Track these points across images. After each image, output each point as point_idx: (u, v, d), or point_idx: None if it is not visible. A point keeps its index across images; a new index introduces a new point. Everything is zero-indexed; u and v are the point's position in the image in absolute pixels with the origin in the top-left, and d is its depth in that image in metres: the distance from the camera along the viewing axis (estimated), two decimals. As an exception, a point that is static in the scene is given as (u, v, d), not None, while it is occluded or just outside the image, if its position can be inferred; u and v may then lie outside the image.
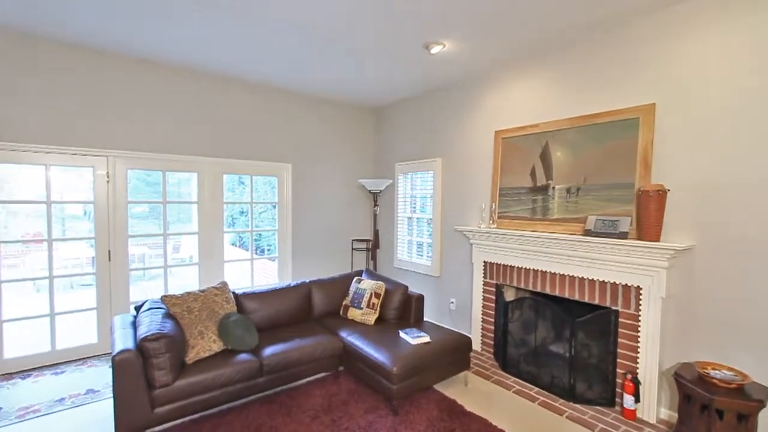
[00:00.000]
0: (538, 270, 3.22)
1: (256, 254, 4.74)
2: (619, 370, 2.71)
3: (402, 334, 2.97)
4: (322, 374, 3.15)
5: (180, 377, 2.34)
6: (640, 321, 2.60)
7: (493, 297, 3.61)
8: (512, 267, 3.43)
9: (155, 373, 2.25)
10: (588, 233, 2.82)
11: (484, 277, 3.70)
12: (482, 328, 3.73)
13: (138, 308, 2.83)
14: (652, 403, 2.55)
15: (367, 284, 3.48)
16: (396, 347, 2.75)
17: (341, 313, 3.52)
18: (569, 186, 3.06)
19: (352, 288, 3.56)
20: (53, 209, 3.34)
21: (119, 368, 2.15)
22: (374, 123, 5.45)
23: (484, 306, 3.70)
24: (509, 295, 3.52)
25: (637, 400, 2.57)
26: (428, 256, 4.57)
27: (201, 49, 3.34)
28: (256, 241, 4.85)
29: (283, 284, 3.46)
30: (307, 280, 3.61)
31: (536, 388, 3.02)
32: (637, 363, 2.61)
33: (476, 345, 3.77)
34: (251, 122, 4.33)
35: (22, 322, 3.26)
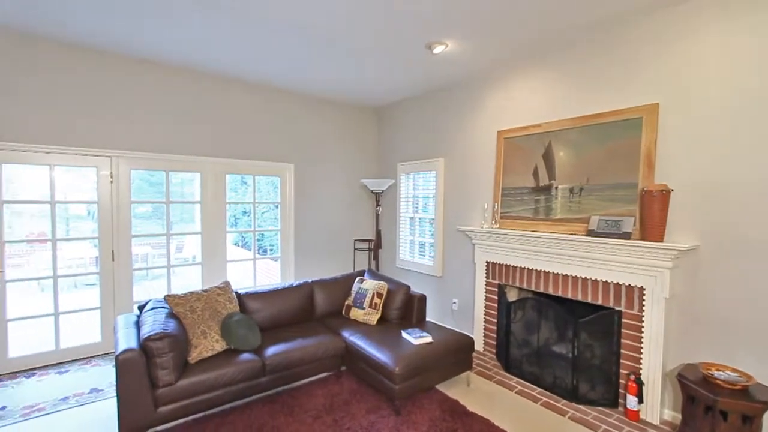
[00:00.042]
0: (540, 270, 3.21)
1: (259, 254, 4.76)
2: (623, 371, 2.70)
3: (404, 334, 2.97)
4: (325, 374, 3.16)
5: (183, 377, 2.35)
6: (643, 321, 2.59)
7: (496, 297, 3.60)
8: (515, 267, 3.42)
9: (158, 373, 2.26)
10: (591, 233, 2.81)
11: (487, 278, 3.69)
12: (485, 329, 3.72)
13: (141, 308, 2.85)
14: (656, 404, 2.54)
15: (370, 284, 3.48)
16: (398, 347, 2.75)
17: (343, 313, 3.53)
18: (572, 186, 3.05)
19: (355, 288, 3.56)
20: (57, 209, 3.36)
21: (123, 367, 2.16)
22: (376, 123, 5.45)
23: (487, 306, 3.70)
24: (512, 296, 3.51)
25: (640, 401, 2.56)
26: (430, 256, 4.56)
27: (201, 49, 3.35)
28: (258, 241, 4.86)
29: (286, 284, 3.47)
30: (310, 280, 3.61)
31: (539, 389, 3.01)
32: (641, 364, 2.60)
33: (479, 345, 3.76)
34: (253, 122, 4.34)
35: (26, 321, 3.28)
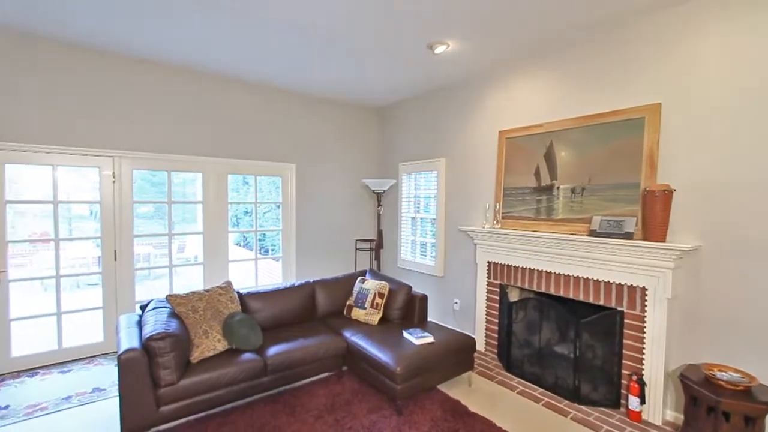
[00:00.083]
0: (542, 270, 3.20)
1: (260, 254, 4.76)
2: (625, 372, 2.70)
3: (406, 334, 2.97)
4: (326, 374, 3.16)
5: (185, 376, 2.36)
6: (645, 322, 2.58)
7: (497, 297, 3.60)
8: (516, 267, 3.42)
9: (160, 372, 2.26)
10: (593, 233, 2.81)
11: (488, 278, 3.69)
12: (486, 329, 3.72)
13: (143, 307, 2.86)
14: (658, 405, 2.53)
15: (371, 284, 3.48)
16: (400, 347, 2.76)
17: (345, 313, 3.53)
18: (574, 186, 3.04)
19: (356, 288, 3.57)
20: (60, 209, 3.37)
21: (125, 367, 2.17)
22: (378, 123, 5.45)
23: (488, 306, 3.69)
24: (513, 296, 3.51)
25: (642, 401, 2.55)
26: (432, 256, 4.56)
27: (201, 49, 3.35)
28: (260, 241, 4.86)
29: (287, 284, 3.47)
30: (311, 280, 3.61)
31: (540, 389, 3.01)
32: (643, 364, 2.60)
33: (480, 345, 3.76)
34: (255, 122, 4.35)
35: (29, 320, 3.30)
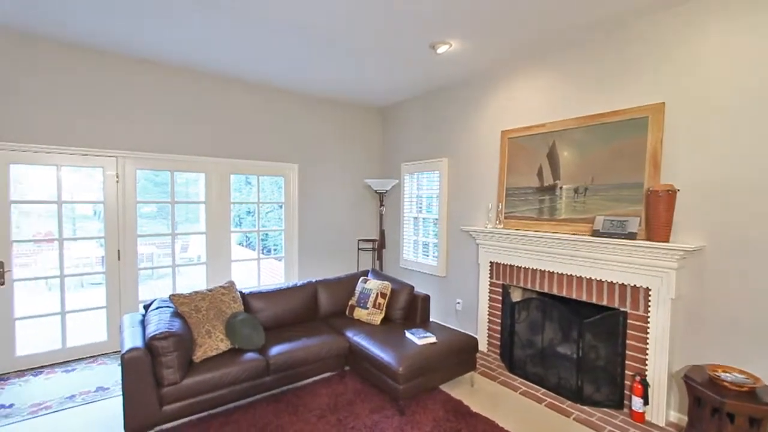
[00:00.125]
0: (545, 270, 3.20)
1: (263, 254, 4.77)
2: (628, 372, 2.69)
3: (408, 334, 2.97)
4: (328, 374, 3.16)
5: (188, 375, 2.37)
6: (649, 322, 2.57)
7: (500, 297, 3.59)
8: (519, 267, 3.41)
9: (164, 372, 2.27)
10: (596, 234, 2.80)
11: (491, 278, 3.68)
12: (489, 329, 3.71)
13: (147, 307, 2.87)
14: (662, 406, 2.52)
15: (373, 284, 3.48)
16: (402, 347, 2.75)
17: (347, 313, 3.53)
18: (577, 186, 3.04)
19: (358, 288, 3.57)
20: (64, 209, 3.39)
21: (128, 366, 2.18)
22: (380, 123, 5.45)
23: (491, 306, 3.69)
24: (516, 296, 3.50)
25: (645, 402, 2.54)
26: (434, 256, 4.56)
27: (202, 49, 3.34)
28: (262, 240, 4.87)
29: (290, 284, 3.48)
30: (313, 280, 3.62)
31: (543, 390, 3.00)
32: (646, 365, 2.59)
33: (482, 346, 3.75)
34: (257, 123, 4.36)
35: (33, 320, 3.32)
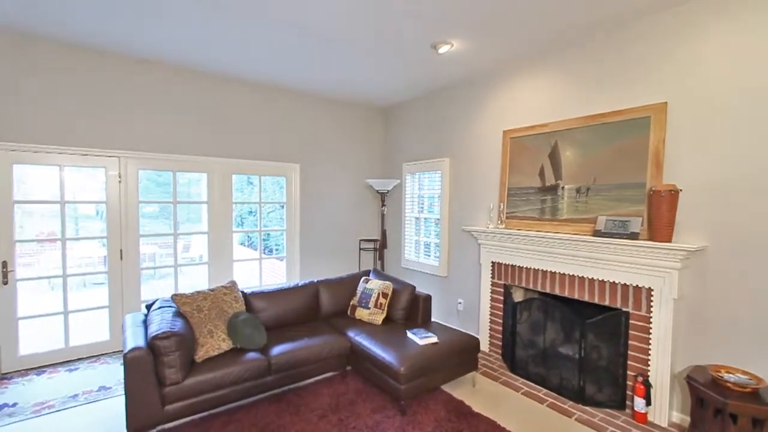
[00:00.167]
0: (547, 271, 3.19)
1: (265, 254, 4.78)
2: (630, 373, 2.68)
3: (409, 334, 2.97)
4: (330, 373, 3.16)
5: (190, 375, 2.37)
6: (651, 323, 2.56)
7: (502, 298, 3.58)
8: (521, 267, 3.40)
9: (166, 371, 2.28)
10: (598, 234, 2.79)
11: (492, 278, 3.68)
12: (490, 329, 3.71)
13: (149, 307, 2.88)
14: (664, 407, 2.51)
15: (375, 284, 3.48)
16: (404, 347, 2.75)
17: (349, 312, 3.53)
18: (579, 186, 3.03)
19: (360, 288, 3.57)
20: (67, 209, 3.41)
21: (131, 365, 2.18)
22: (382, 123, 5.45)
23: (492, 307, 3.68)
24: (518, 296, 3.49)
25: (648, 403, 2.53)
26: (436, 257, 4.56)
27: (202, 49, 3.34)
28: (264, 240, 4.88)
29: (291, 284, 3.48)
30: (315, 280, 3.62)
31: (545, 390, 3.00)
32: (649, 365, 2.58)
33: (484, 346, 3.75)
34: (259, 123, 4.36)
35: (37, 319, 3.33)
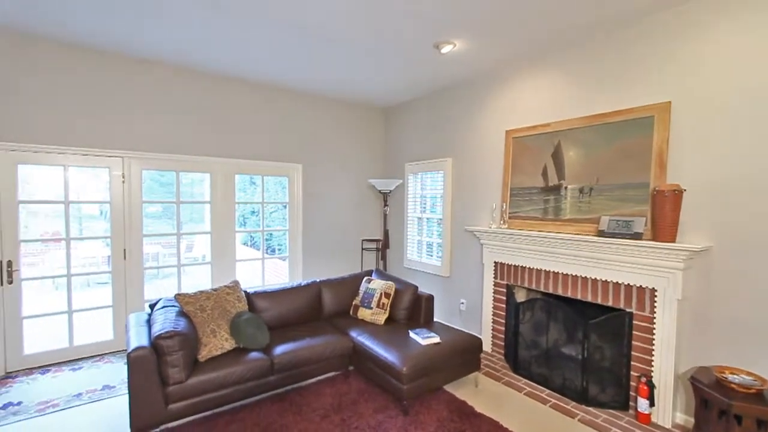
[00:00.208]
0: (549, 271, 3.18)
1: (267, 254, 4.79)
2: (633, 373, 2.67)
3: (412, 334, 2.97)
4: (332, 373, 3.17)
5: (193, 375, 2.38)
6: (654, 323, 2.55)
7: (504, 298, 3.58)
8: (523, 268, 3.40)
9: (169, 371, 2.29)
10: (601, 234, 2.78)
11: (495, 278, 3.67)
12: (493, 329, 3.70)
13: (152, 306, 2.89)
14: (668, 408, 2.50)
15: (377, 284, 3.48)
16: (406, 347, 2.75)
17: (351, 312, 3.53)
18: (582, 186, 3.02)
19: (362, 288, 3.57)
20: (71, 209, 3.43)
21: (134, 365, 2.19)
22: (384, 123, 5.45)
23: (495, 307, 3.68)
24: (520, 296, 3.49)
25: (651, 404, 2.52)
26: (438, 257, 4.55)
27: (202, 49, 3.34)
28: (267, 240, 4.89)
29: (294, 284, 3.49)
30: (318, 280, 3.63)
31: (548, 390, 2.99)
32: (652, 366, 2.57)
33: (487, 346, 3.74)
34: (261, 123, 4.37)
35: (41, 318, 3.35)
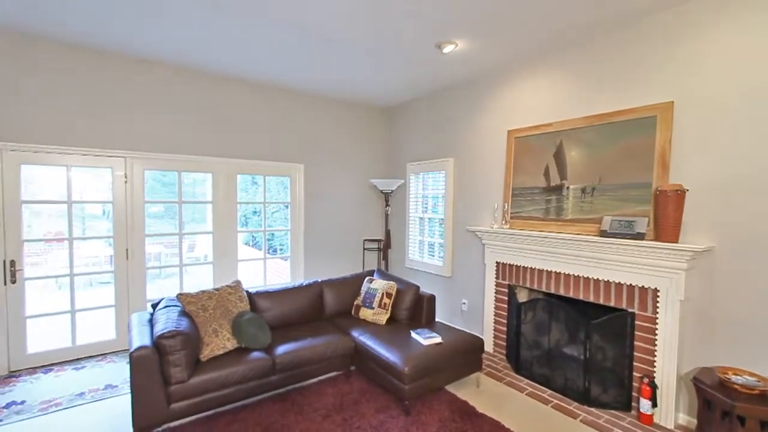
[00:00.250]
0: (551, 271, 3.17)
1: (269, 254, 4.80)
2: (636, 374, 2.66)
3: (413, 334, 2.97)
4: (334, 373, 3.17)
5: (195, 374, 2.39)
6: (657, 324, 2.54)
7: (506, 298, 3.57)
8: (525, 268, 3.39)
9: (171, 370, 2.29)
10: (603, 234, 2.77)
11: (497, 278, 3.67)
12: (494, 330, 3.70)
13: (155, 306, 2.90)
14: (670, 408, 2.49)
15: (379, 284, 3.48)
16: (408, 347, 2.75)
17: (353, 312, 3.54)
18: (584, 186, 3.01)
19: (364, 288, 3.57)
20: (74, 209, 3.44)
21: (136, 364, 2.20)
22: (386, 123, 5.45)
23: (497, 307, 3.67)
24: (522, 296, 3.48)
25: (654, 404, 2.51)
26: (440, 257, 4.55)
27: (202, 49, 3.35)
28: (268, 240, 4.90)
29: (296, 283, 3.49)
30: (319, 280, 3.63)
31: (549, 391, 2.98)
32: (654, 367, 2.56)
33: (488, 346, 3.74)
34: (263, 123, 4.38)
35: (44, 318, 3.37)
